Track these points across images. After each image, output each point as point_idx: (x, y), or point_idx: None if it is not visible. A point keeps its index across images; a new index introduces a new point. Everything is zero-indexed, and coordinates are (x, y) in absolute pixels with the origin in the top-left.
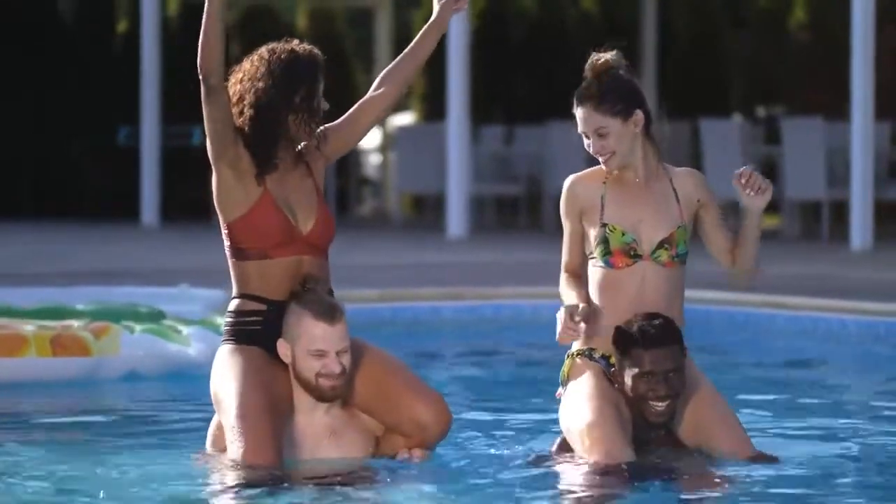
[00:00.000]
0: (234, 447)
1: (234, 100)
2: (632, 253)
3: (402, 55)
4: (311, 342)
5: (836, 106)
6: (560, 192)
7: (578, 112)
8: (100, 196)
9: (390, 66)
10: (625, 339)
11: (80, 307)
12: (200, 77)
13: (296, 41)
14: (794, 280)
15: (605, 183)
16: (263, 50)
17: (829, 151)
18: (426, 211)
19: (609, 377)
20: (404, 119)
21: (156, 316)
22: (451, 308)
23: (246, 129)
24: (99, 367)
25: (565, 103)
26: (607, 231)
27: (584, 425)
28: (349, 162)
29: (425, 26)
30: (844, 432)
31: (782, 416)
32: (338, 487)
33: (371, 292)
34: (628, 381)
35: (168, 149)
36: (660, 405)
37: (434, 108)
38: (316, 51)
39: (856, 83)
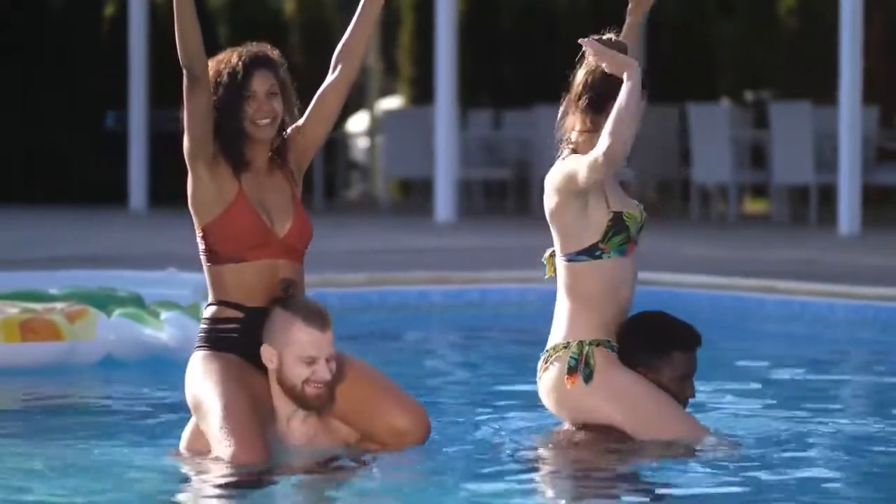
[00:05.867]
0: (223, 447)
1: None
2: (637, 240)
3: (349, 29)
4: (302, 348)
5: (824, 90)
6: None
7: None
8: (87, 181)
9: (341, 44)
10: (667, 341)
11: (55, 292)
12: (184, 69)
13: (265, 45)
14: (782, 264)
15: None
16: (228, 51)
17: (817, 136)
18: (414, 195)
19: None
20: (392, 103)
21: (135, 301)
22: (438, 292)
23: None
24: (74, 351)
25: (553, 87)
26: (625, 218)
27: (685, 422)
28: (337, 146)
29: None
30: (832, 416)
31: (770, 401)
32: (333, 480)
33: (359, 276)
34: (663, 383)
35: (158, 133)
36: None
37: (422, 93)
38: (260, 53)
39: (844, 67)
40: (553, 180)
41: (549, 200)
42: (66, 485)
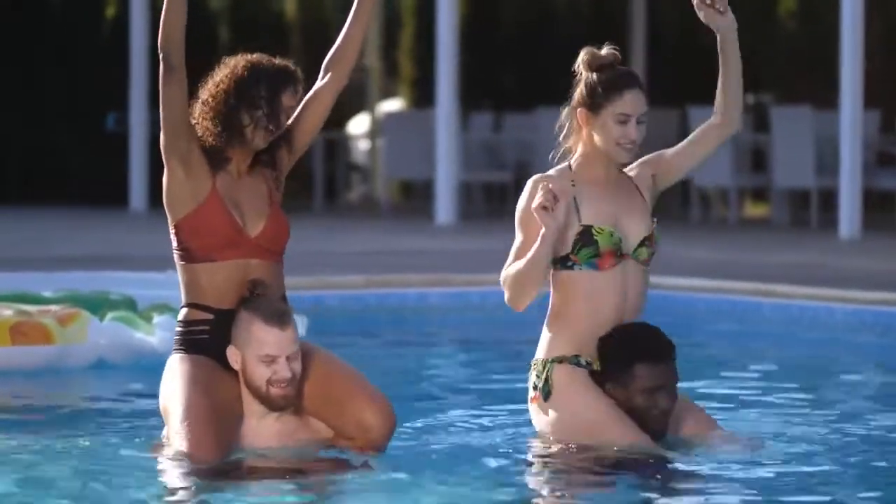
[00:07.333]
0: (178, 446)
1: (204, 95)
2: (618, 252)
3: (343, 32)
4: (261, 347)
5: (825, 94)
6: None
7: (629, 96)
8: (87, 182)
9: (333, 49)
10: (633, 354)
11: (48, 294)
12: (161, 55)
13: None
14: (781, 268)
15: (573, 185)
16: (244, 56)
17: (818, 140)
18: (414, 197)
19: (596, 382)
20: (393, 105)
21: (128, 304)
22: (438, 294)
23: (203, 120)
24: (65, 355)
25: (554, 91)
26: (594, 232)
27: (623, 440)
28: (337, 148)
29: None
30: (831, 420)
31: (769, 405)
32: (288, 480)
33: (358, 278)
34: (632, 396)
35: (158, 134)
36: (663, 418)
37: (423, 95)
38: (291, 66)
39: (845, 71)
40: None
41: None
42: (55, 486)
